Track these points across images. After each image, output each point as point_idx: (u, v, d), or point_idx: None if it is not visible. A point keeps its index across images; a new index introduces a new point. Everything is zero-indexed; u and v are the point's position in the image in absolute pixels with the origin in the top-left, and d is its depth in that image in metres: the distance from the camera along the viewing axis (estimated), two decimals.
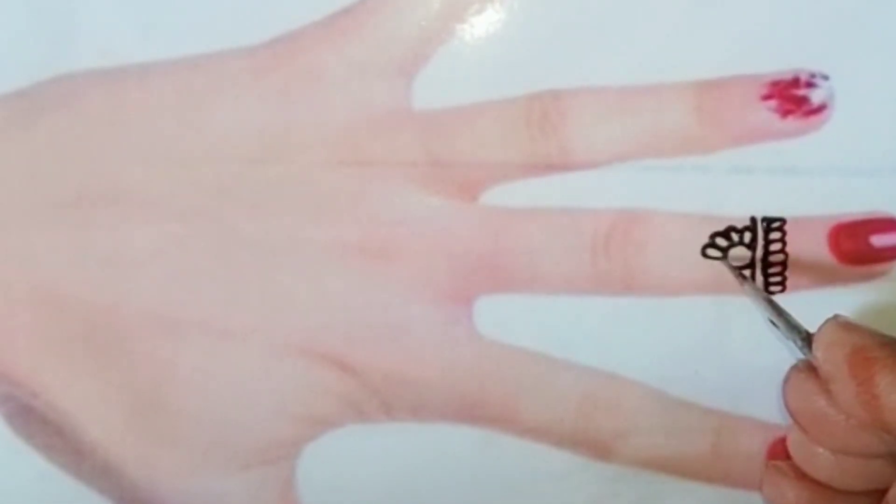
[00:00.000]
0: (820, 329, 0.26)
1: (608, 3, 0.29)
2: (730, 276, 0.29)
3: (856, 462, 0.26)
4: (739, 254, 0.30)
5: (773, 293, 0.30)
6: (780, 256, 0.30)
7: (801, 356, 0.26)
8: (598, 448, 0.30)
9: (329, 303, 0.30)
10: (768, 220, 0.29)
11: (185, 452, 0.30)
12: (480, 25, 0.29)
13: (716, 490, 0.31)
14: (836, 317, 0.26)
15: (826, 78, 0.29)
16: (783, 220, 0.29)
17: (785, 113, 0.29)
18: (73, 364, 0.30)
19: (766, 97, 0.29)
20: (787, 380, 0.27)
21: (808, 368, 0.26)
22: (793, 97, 0.29)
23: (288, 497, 0.31)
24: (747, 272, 0.29)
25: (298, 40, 0.29)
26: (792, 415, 0.27)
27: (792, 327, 0.27)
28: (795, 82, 0.29)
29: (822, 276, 0.30)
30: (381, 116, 0.29)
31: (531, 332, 0.30)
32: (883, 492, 0.26)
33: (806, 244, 0.30)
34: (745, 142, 0.29)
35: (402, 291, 0.30)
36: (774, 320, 0.28)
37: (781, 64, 0.29)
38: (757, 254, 0.30)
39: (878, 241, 0.30)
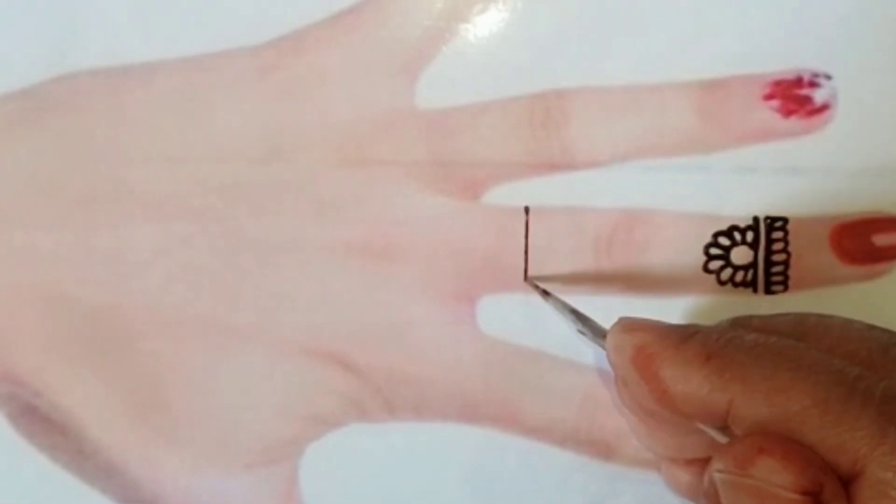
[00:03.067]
0: (608, 335, 0.26)
1: (611, 4, 0.29)
2: (730, 276, 0.30)
3: (689, 438, 0.27)
4: (742, 253, 0.30)
5: (775, 292, 0.30)
6: (783, 256, 0.30)
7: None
8: (599, 448, 0.30)
9: (332, 302, 0.30)
10: (771, 220, 0.29)
11: (188, 452, 0.30)
12: (484, 25, 0.29)
13: None
14: (619, 320, 0.26)
15: (829, 77, 0.29)
16: (785, 220, 0.30)
17: (788, 112, 0.29)
18: (75, 363, 0.30)
19: (769, 97, 0.29)
20: (615, 381, 0.27)
21: None
22: (795, 97, 0.29)
23: (291, 496, 0.31)
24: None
25: (302, 40, 0.29)
26: (629, 412, 0.27)
27: (599, 333, 0.27)
28: (798, 82, 0.29)
29: (824, 275, 0.30)
30: (384, 116, 0.29)
31: (534, 332, 0.30)
32: None
33: (808, 244, 0.30)
34: (747, 141, 0.29)
35: (406, 290, 0.30)
36: (582, 329, 0.28)
37: (784, 63, 0.29)
38: (759, 253, 0.30)
39: (880, 240, 0.30)
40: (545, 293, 0.29)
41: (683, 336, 0.24)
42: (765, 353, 0.23)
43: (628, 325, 0.26)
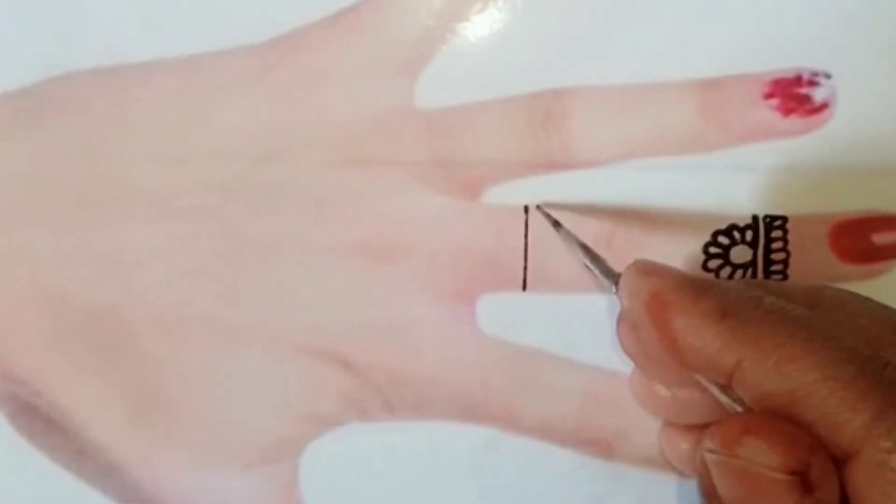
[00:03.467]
0: (622, 275, 0.26)
1: (611, 3, 0.29)
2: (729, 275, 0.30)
3: (689, 394, 0.27)
4: (741, 252, 0.30)
5: None
6: (782, 255, 0.30)
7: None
8: (600, 447, 0.30)
9: (332, 301, 0.30)
10: (770, 219, 0.30)
11: (188, 451, 0.30)
12: (483, 24, 0.29)
13: None
14: (636, 261, 0.26)
15: (828, 76, 0.29)
16: (785, 219, 0.30)
17: (787, 111, 0.29)
18: (75, 363, 0.30)
19: (769, 96, 0.29)
20: (618, 323, 0.27)
21: None
22: (795, 96, 0.29)
23: (290, 495, 0.31)
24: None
25: (302, 39, 0.29)
26: (629, 356, 0.27)
27: (608, 273, 0.27)
28: (797, 81, 0.29)
29: (823, 274, 0.30)
30: (384, 115, 0.29)
31: (534, 331, 0.30)
32: None
33: (807, 242, 0.30)
34: (747, 140, 0.29)
35: (405, 290, 0.30)
36: (591, 266, 0.28)
37: (783, 62, 0.29)
38: (759, 252, 0.30)
39: (879, 239, 0.30)
40: (556, 224, 0.29)
41: (701, 288, 0.24)
42: (781, 319, 0.23)
43: (645, 268, 0.25)
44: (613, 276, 0.26)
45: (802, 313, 0.23)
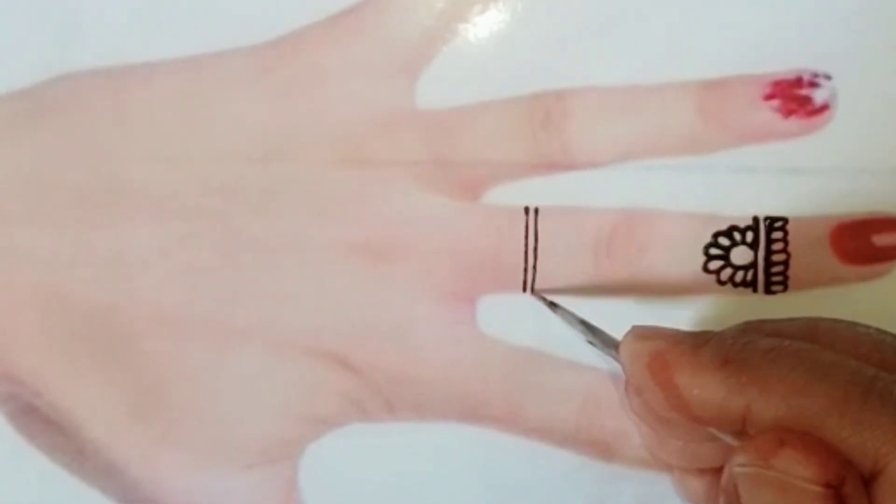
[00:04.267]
0: (620, 345, 0.26)
1: (611, 4, 0.29)
2: (730, 276, 0.30)
3: (702, 447, 0.27)
4: (741, 253, 0.30)
5: (774, 293, 0.30)
6: (783, 256, 0.30)
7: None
8: (600, 448, 0.30)
9: (332, 302, 0.30)
10: (770, 220, 0.30)
11: (188, 452, 0.30)
12: (483, 25, 0.29)
13: None
14: (632, 329, 0.26)
15: (829, 78, 0.29)
16: (785, 220, 0.30)
17: (787, 113, 0.29)
18: (75, 363, 0.30)
19: (769, 97, 0.29)
20: (625, 389, 0.27)
21: None
22: (795, 97, 0.29)
23: (290, 496, 0.31)
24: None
25: (302, 40, 0.29)
26: (640, 420, 0.27)
27: (608, 343, 0.27)
28: (798, 82, 0.29)
29: (823, 275, 0.30)
30: (384, 116, 0.29)
31: (534, 332, 0.30)
32: None
33: (808, 244, 0.30)
34: (747, 141, 0.29)
35: (406, 290, 0.30)
36: (592, 341, 0.28)
37: (784, 64, 0.29)
38: (759, 253, 0.30)
39: (880, 240, 0.30)
40: (553, 305, 0.29)
41: (698, 342, 0.24)
42: (780, 355, 0.23)
43: (642, 333, 0.26)
44: (615, 346, 0.26)
45: (801, 346, 0.23)
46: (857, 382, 0.22)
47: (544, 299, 0.29)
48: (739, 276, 0.30)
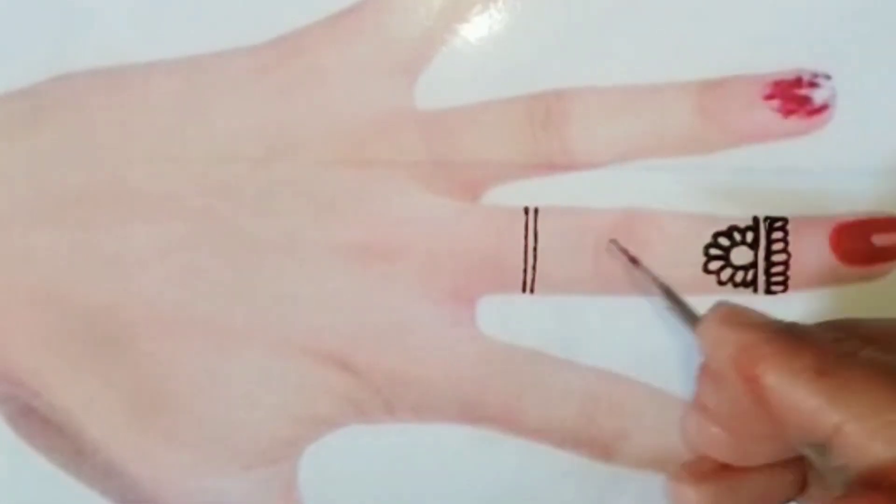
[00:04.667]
0: (702, 325, 0.25)
1: (611, 4, 0.29)
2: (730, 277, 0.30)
3: (756, 443, 0.26)
4: (742, 253, 0.30)
5: (775, 293, 0.30)
6: (783, 256, 0.30)
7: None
8: (600, 448, 0.30)
9: (331, 302, 0.30)
10: (770, 220, 0.30)
11: (187, 452, 0.30)
12: (483, 25, 0.29)
13: None
14: (718, 307, 0.25)
15: (828, 78, 0.29)
16: (785, 220, 0.30)
17: (787, 113, 0.29)
18: (74, 364, 0.30)
19: (769, 97, 0.29)
20: (701, 371, 0.27)
21: None
22: (795, 97, 0.29)
23: (290, 497, 0.31)
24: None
25: (302, 40, 0.29)
26: (705, 404, 0.27)
27: (688, 316, 0.26)
28: (798, 82, 0.29)
29: (823, 275, 0.30)
30: (384, 116, 0.29)
31: (534, 332, 0.30)
32: (773, 465, 0.25)
33: (808, 244, 0.30)
34: (747, 141, 0.29)
35: (405, 291, 0.30)
36: (672, 307, 0.27)
37: (784, 64, 0.29)
38: (759, 253, 0.30)
39: (880, 240, 0.30)
40: (633, 260, 0.29)
41: (795, 345, 0.23)
42: (882, 376, 0.22)
43: (731, 317, 0.25)
44: (693, 320, 0.26)
45: None
46: None
47: (625, 252, 0.29)
48: (739, 276, 0.30)
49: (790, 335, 0.24)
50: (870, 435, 0.21)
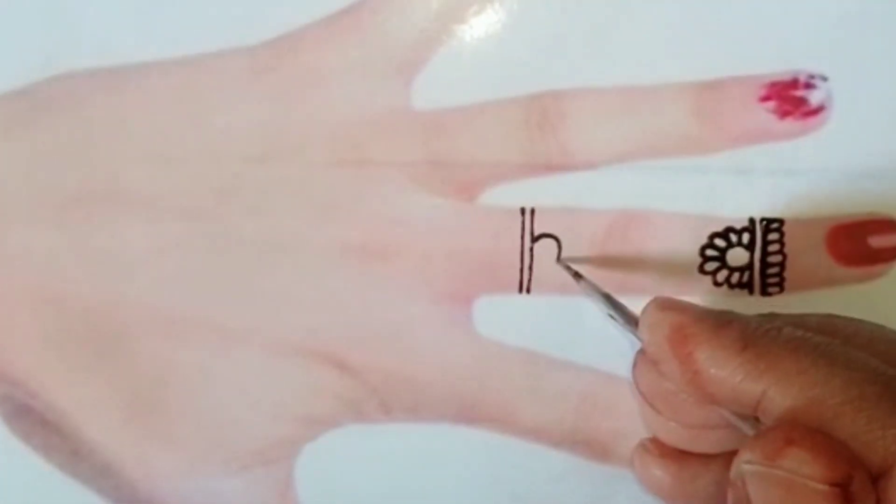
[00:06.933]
0: (642, 312, 0.26)
1: (607, 5, 0.29)
2: (726, 278, 0.30)
3: (706, 431, 0.27)
4: (738, 255, 0.30)
5: (771, 294, 0.30)
6: (779, 257, 0.30)
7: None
8: (596, 448, 0.30)
9: (328, 302, 0.30)
10: (767, 221, 0.30)
11: (184, 452, 0.30)
12: (480, 26, 0.29)
13: None
14: (655, 298, 0.26)
15: (824, 79, 0.29)
16: (781, 221, 0.30)
17: (783, 114, 0.29)
18: (71, 363, 0.30)
19: (765, 98, 0.29)
20: (634, 364, 0.27)
21: None
22: (791, 98, 0.29)
23: (287, 497, 0.31)
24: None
25: (299, 40, 0.29)
26: (643, 397, 0.27)
27: (629, 318, 0.27)
28: (794, 83, 0.29)
29: (820, 277, 0.30)
30: (381, 116, 0.29)
31: (530, 333, 0.30)
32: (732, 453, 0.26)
33: (804, 245, 0.30)
34: (743, 143, 0.29)
35: (402, 291, 0.30)
36: (613, 314, 0.28)
37: (780, 65, 0.29)
38: (755, 255, 0.30)
39: (876, 242, 0.30)
40: (577, 275, 0.29)
41: (721, 322, 0.24)
42: (801, 347, 0.23)
43: (666, 304, 0.25)
44: (636, 322, 0.26)
45: (822, 340, 0.24)
46: (874, 381, 0.22)
47: (569, 268, 0.29)
48: (735, 277, 0.30)
49: (717, 316, 0.25)
50: (791, 397, 0.22)
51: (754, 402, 0.23)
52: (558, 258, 0.30)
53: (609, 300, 0.28)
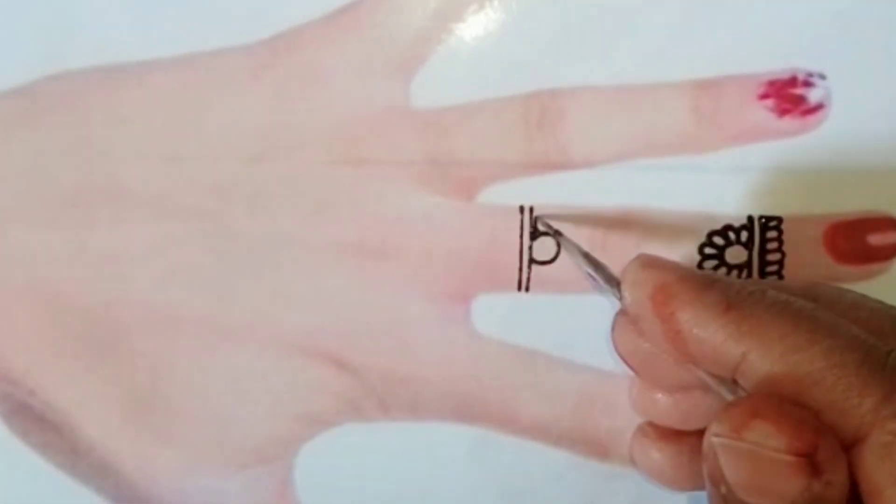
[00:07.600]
0: (624, 270, 0.26)
1: (606, 3, 0.29)
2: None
3: (690, 399, 0.27)
4: (736, 253, 0.30)
5: None
6: (777, 255, 0.30)
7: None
8: (595, 447, 0.30)
9: (327, 301, 0.30)
10: (765, 219, 0.30)
11: (183, 451, 0.30)
12: (479, 25, 0.29)
13: None
14: (639, 256, 0.26)
15: (823, 77, 0.29)
16: (780, 219, 0.30)
17: (782, 112, 0.29)
18: (70, 362, 0.30)
19: (764, 96, 0.29)
20: (613, 326, 0.27)
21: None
22: (790, 96, 0.29)
23: (285, 496, 0.31)
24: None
25: (297, 39, 0.29)
26: (622, 359, 0.27)
27: (609, 278, 0.27)
28: (792, 81, 0.29)
29: (818, 275, 0.30)
30: (379, 115, 0.29)
31: (529, 331, 0.30)
32: None
33: (802, 243, 0.30)
34: (742, 141, 0.29)
35: (400, 290, 0.30)
36: (593, 273, 0.28)
37: (778, 63, 0.29)
38: (754, 253, 0.30)
39: (875, 240, 0.30)
40: (557, 233, 0.29)
41: (705, 282, 0.24)
42: (784, 311, 0.23)
43: (649, 262, 0.25)
44: (616, 283, 0.26)
45: (805, 305, 0.24)
46: (854, 348, 0.22)
47: (549, 227, 0.29)
48: (734, 275, 0.30)
49: (703, 275, 0.25)
50: (771, 360, 0.23)
51: (734, 364, 0.23)
52: (537, 217, 0.29)
53: (589, 259, 0.28)
